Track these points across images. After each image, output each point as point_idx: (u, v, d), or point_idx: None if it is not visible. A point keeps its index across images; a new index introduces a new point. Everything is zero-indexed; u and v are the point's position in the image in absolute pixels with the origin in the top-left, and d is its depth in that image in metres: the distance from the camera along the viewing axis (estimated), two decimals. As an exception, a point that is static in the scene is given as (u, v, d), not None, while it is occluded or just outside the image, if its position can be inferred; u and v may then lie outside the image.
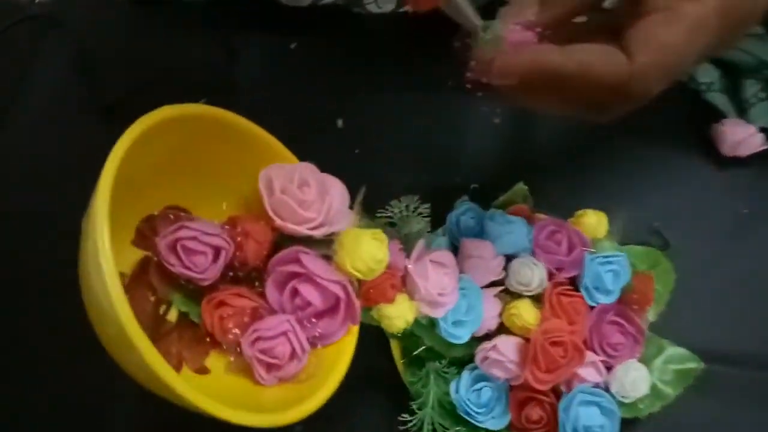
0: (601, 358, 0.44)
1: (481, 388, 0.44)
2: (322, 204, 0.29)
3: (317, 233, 0.29)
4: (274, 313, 0.29)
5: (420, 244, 0.39)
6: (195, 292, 0.29)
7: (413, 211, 0.43)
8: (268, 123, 0.50)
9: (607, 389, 0.43)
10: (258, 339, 0.28)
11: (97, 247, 0.22)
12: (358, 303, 0.29)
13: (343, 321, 0.29)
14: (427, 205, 0.44)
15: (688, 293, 0.47)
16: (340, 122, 0.57)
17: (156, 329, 0.27)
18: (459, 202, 0.50)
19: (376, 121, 0.58)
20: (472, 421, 0.43)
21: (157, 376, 0.22)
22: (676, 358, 0.45)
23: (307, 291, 0.28)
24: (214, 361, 0.29)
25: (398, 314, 0.36)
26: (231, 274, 0.29)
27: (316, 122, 0.58)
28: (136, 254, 0.28)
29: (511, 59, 0.26)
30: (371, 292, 0.34)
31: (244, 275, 0.30)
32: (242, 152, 0.30)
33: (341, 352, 0.29)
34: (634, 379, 0.42)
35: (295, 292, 0.28)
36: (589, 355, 0.43)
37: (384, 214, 0.44)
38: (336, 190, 0.30)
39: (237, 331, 0.28)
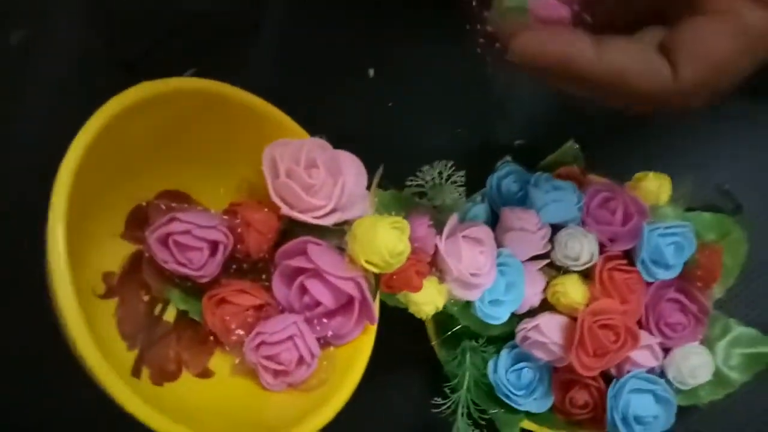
0: (658, 339, 0.39)
1: (521, 369, 0.41)
2: (333, 188, 0.25)
3: (327, 221, 0.25)
4: (281, 311, 0.26)
5: (452, 219, 0.35)
6: (195, 287, 0.26)
7: (447, 179, 0.39)
8: (293, 70, 0.45)
9: (663, 374, 0.39)
10: (262, 344, 0.25)
11: (49, 249, 0.19)
12: (373, 301, 0.26)
13: (357, 321, 0.26)
14: (462, 173, 0.39)
15: (762, 266, 0.42)
16: (371, 72, 0.52)
17: (151, 331, 0.25)
18: (501, 163, 0.45)
19: (411, 72, 0.52)
20: (511, 404, 0.40)
21: (109, 392, 0.20)
22: (744, 340, 0.40)
23: (316, 288, 0.25)
24: (220, 361, 0.26)
25: (427, 300, 0.33)
26: (234, 266, 0.26)
27: (344, 71, 0.53)
28: (130, 249, 0.26)
29: (533, 45, 0.21)
30: (394, 280, 0.30)
31: (250, 267, 0.27)
32: (246, 130, 0.27)
33: (356, 354, 0.26)
34: (695, 365, 0.38)
35: (303, 290, 0.25)
36: (644, 337, 0.39)
37: (415, 182, 0.39)
38: (351, 170, 0.26)
39: (241, 331, 0.25)
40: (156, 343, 0.25)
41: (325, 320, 0.26)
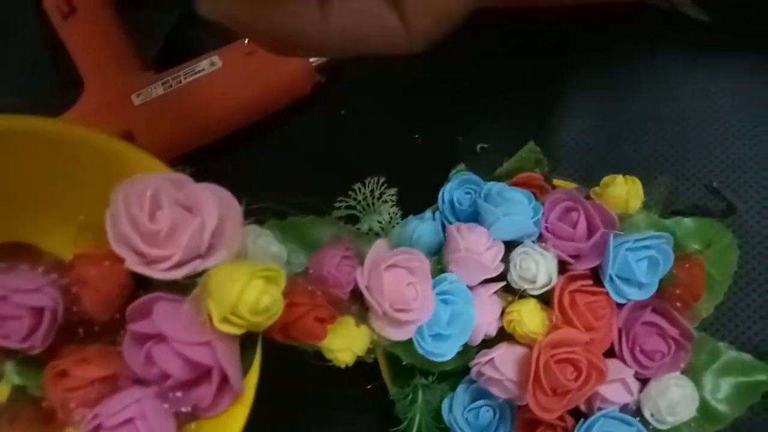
0: (632, 370, 0.34)
1: (479, 408, 0.36)
2: (183, 233, 0.21)
3: (177, 274, 0.21)
4: (137, 383, 0.22)
5: (375, 246, 0.30)
6: (35, 356, 0.22)
7: (379, 198, 0.34)
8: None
9: (639, 411, 0.34)
10: (99, 428, 0.21)
11: None
12: (236, 372, 0.21)
13: (218, 392, 0.22)
14: (393, 191, 0.34)
15: (757, 278, 0.36)
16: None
17: (-30, 418, 0.21)
18: (454, 172, 0.40)
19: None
20: (469, 449, 0.36)
21: None
22: (736, 367, 0.34)
23: (163, 358, 0.21)
24: (71, 441, 0.23)
25: (341, 346, 0.28)
26: (82, 330, 0.22)
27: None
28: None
29: (250, 17, 0.21)
30: (290, 329, 0.26)
31: (102, 329, 0.22)
32: (92, 169, 0.23)
33: (223, 430, 0.22)
34: (674, 399, 0.32)
35: (150, 359, 0.21)
36: (617, 368, 0.34)
37: (345, 203, 0.35)
38: (212, 208, 0.22)
39: (83, 410, 0.21)
40: (-23, 432, 0.21)
41: (179, 394, 0.21)
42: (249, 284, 0.21)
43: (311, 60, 0.46)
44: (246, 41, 0.46)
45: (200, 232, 0.22)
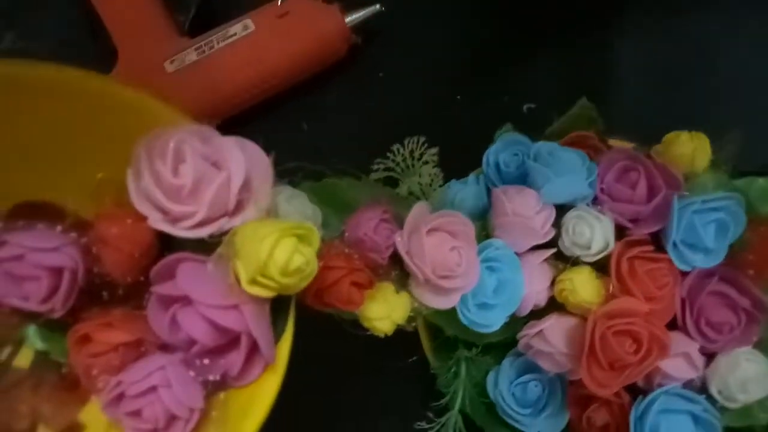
0: (698, 344, 0.31)
1: (527, 382, 0.34)
2: (209, 187, 0.19)
3: (202, 232, 0.20)
4: (162, 348, 0.21)
5: (416, 209, 0.28)
6: (59, 320, 0.21)
7: (419, 159, 0.32)
8: None
9: (704, 388, 0.31)
10: (122, 396, 0.20)
11: None
12: (267, 339, 0.20)
13: (249, 360, 0.20)
14: (434, 150, 0.32)
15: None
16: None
17: (-7, 382, 0.20)
18: (500, 132, 0.37)
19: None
20: (515, 425, 0.34)
21: None
22: (816, 341, 0.31)
23: (188, 322, 0.19)
24: (96, 411, 0.21)
25: (379, 314, 0.26)
26: (106, 293, 0.21)
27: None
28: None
29: None
30: (325, 294, 0.24)
31: (126, 293, 0.21)
32: (113, 123, 0.21)
33: (254, 401, 0.20)
34: (746, 376, 0.30)
35: (176, 324, 0.20)
36: (680, 341, 0.31)
37: (384, 165, 0.33)
38: (238, 163, 0.20)
39: (106, 377, 0.20)
40: (0, 396, 0.20)
41: (206, 361, 0.20)
42: (280, 242, 0.19)
43: (347, 20, 0.44)
44: (279, 2, 0.44)
45: (227, 188, 0.20)
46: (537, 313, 0.34)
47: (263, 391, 0.20)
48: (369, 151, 0.35)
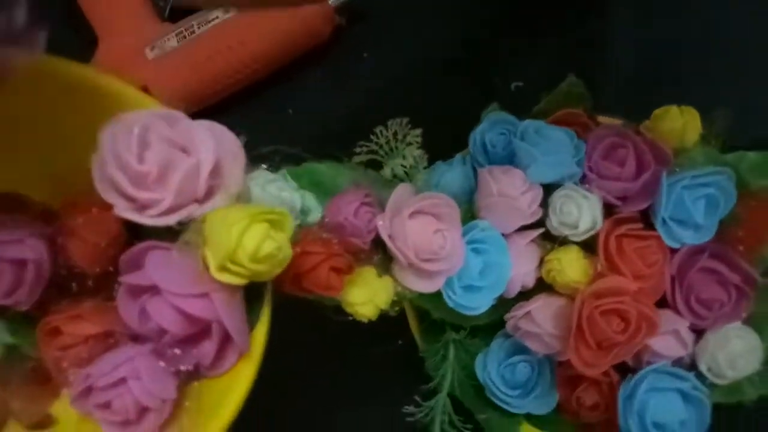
0: (688, 321, 0.31)
1: (516, 364, 0.33)
2: (176, 173, 0.19)
3: (170, 219, 0.19)
4: (134, 340, 0.20)
5: (398, 191, 0.28)
6: (28, 313, 0.20)
7: (402, 140, 0.31)
8: None
9: (694, 366, 0.31)
10: (90, 389, 0.19)
11: None
12: (240, 327, 0.19)
13: (222, 349, 0.20)
14: (418, 132, 0.31)
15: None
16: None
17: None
18: (486, 112, 0.36)
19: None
20: (505, 407, 0.33)
21: None
22: (808, 316, 0.31)
23: (158, 312, 0.19)
24: (67, 404, 0.21)
25: (362, 299, 0.26)
26: (75, 284, 0.21)
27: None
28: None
29: None
30: (303, 280, 0.24)
31: (96, 284, 0.21)
32: (86, 107, 0.21)
33: (229, 390, 0.20)
34: (735, 352, 0.29)
35: (145, 314, 0.19)
36: (669, 319, 0.31)
37: (366, 147, 0.32)
38: (206, 147, 0.19)
39: (78, 370, 0.20)
40: (-31, 391, 0.20)
41: (178, 351, 0.20)
42: (250, 228, 0.18)
43: (331, 1, 0.43)
44: (260, -17, 0.43)
45: (195, 173, 0.20)
46: (525, 294, 0.33)
47: (238, 381, 0.20)
48: (353, 133, 0.35)
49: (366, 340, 0.32)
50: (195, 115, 0.23)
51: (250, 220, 0.18)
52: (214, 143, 0.20)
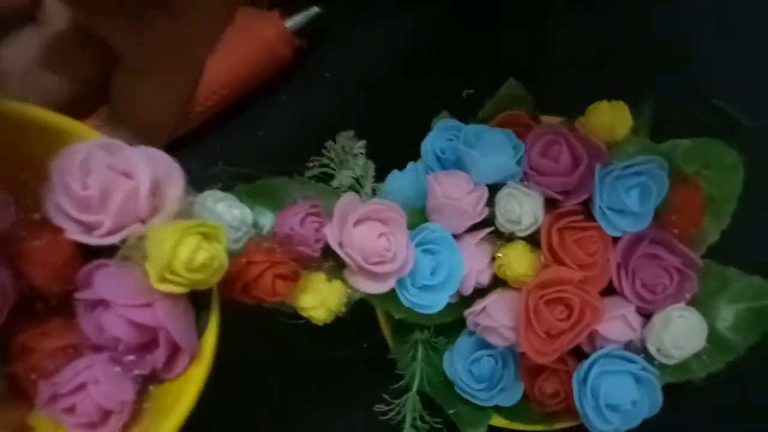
0: (633, 305, 0.32)
1: (480, 358, 0.35)
2: (115, 196, 0.21)
3: (114, 239, 0.21)
4: (96, 350, 0.22)
5: (342, 201, 0.29)
6: (0, 335, 0.22)
7: (350, 151, 0.33)
8: None
9: (644, 348, 0.32)
10: (56, 396, 0.21)
11: None
12: (185, 332, 0.21)
13: (170, 353, 0.21)
14: (361, 143, 0.33)
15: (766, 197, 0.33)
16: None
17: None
18: (437, 119, 0.38)
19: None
20: (473, 401, 0.35)
21: None
22: (748, 292, 0.32)
23: (110, 323, 0.21)
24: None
25: (313, 304, 0.28)
26: (40, 304, 0.23)
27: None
28: None
29: None
30: (251, 288, 0.25)
31: (59, 303, 0.23)
32: (29, 144, 0.23)
33: (182, 390, 0.22)
34: (679, 331, 0.30)
35: (100, 325, 0.21)
36: (616, 304, 0.32)
37: (318, 162, 0.34)
38: (143, 171, 0.21)
39: (44, 382, 0.22)
40: (-56, 407, 0.22)
41: (132, 357, 0.21)
42: (183, 241, 0.20)
43: (288, 25, 0.45)
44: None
45: (134, 196, 0.21)
46: (483, 291, 0.35)
47: (190, 382, 0.22)
48: (312, 149, 0.37)
49: (332, 345, 0.34)
50: (171, 143, 0.26)
51: (182, 234, 0.20)
52: (151, 167, 0.22)
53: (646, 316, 0.33)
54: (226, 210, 0.27)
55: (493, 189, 0.34)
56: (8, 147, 0.22)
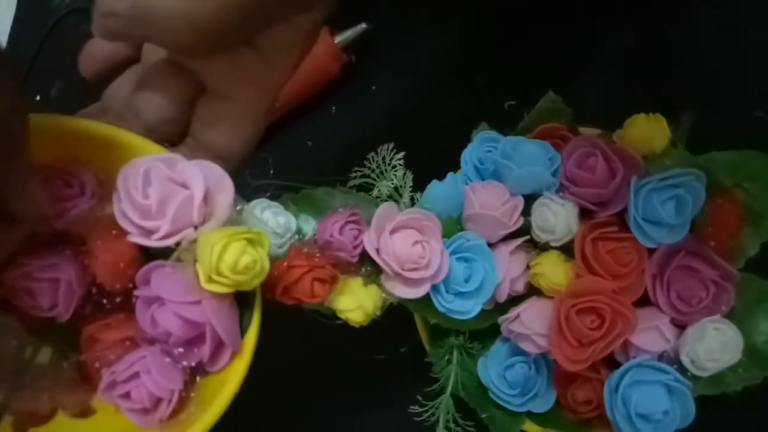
0: (668, 317, 0.32)
1: (515, 365, 0.36)
2: (171, 205, 0.23)
3: (170, 242, 0.23)
4: (151, 343, 0.24)
5: (381, 210, 0.31)
6: (72, 324, 0.25)
7: (389, 163, 0.35)
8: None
9: (677, 359, 0.32)
10: (114, 383, 0.24)
11: None
12: (228, 328, 0.23)
13: (214, 348, 0.24)
14: (400, 155, 0.35)
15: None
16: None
17: (18, 377, 0.25)
18: (476, 131, 0.40)
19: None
20: (507, 406, 0.36)
21: None
22: (788, 307, 0.32)
23: (163, 318, 0.23)
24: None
25: (351, 306, 0.29)
26: (106, 301, 0.25)
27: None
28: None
29: None
30: (291, 290, 0.27)
31: (123, 300, 0.25)
32: (97, 157, 0.25)
33: (224, 382, 0.24)
34: (713, 344, 0.30)
35: (155, 320, 0.23)
36: (650, 315, 0.32)
37: (360, 172, 0.36)
38: (197, 182, 0.24)
39: (106, 369, 0.24)
40: (25, 388, 0.24)
41: (181, 350, 0.24)
42: (229, 246, 0.23)
43: (336, 41, 0.47)
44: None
45: (189, 204, 0.24)
46: (517, 299, 0.36)
47: (232, 375, 0.24)
48: (356, 159, 0.39)
49: (373, 348, 0.36)
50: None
51: (229, 239, 0.22)
52: (204, 179, 0.24)
53: (681, 327, 0.33)
54: (272, 217, 0.29)
55: (530, 199, 0.35)
56: (90, 158, 0.25)
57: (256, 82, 0.28)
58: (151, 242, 0.23)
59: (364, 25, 0.48)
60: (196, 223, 0.24)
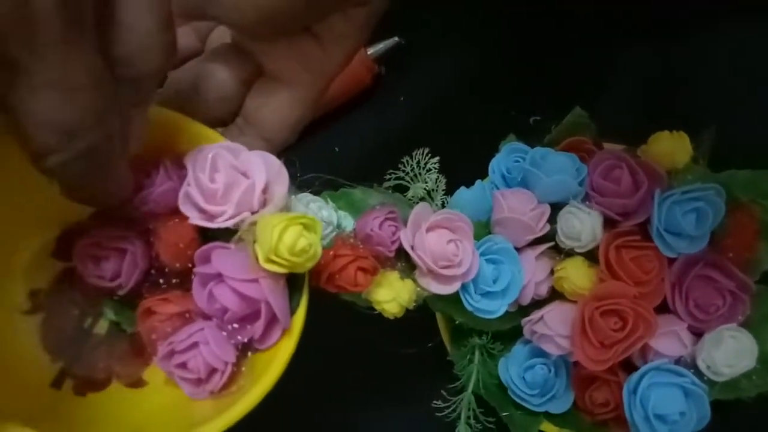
0: (686, 323, 0.34)
1: (535, 366, 0.37)
2: (236, 191, 0.25)
3: (230, 223, 0.25)
4: (205, 318, 0.26)
5: (417, 209, 0.33)
6: (129, 298, 0.27)
7: (424, 167, 0.37)
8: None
9: (694, 364, 0.33)
10: (172, 353, 0.25)
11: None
12: (282, 307, 0.25)
13: (268, 324, 0.25)
14: (435, 160, 0.37)
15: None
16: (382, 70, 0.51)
17: (78, 345, 0.26)
18: (504, 142, 0.41)
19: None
20: (526, 406, 0.37)
21: None
22: (801, 318, 0.33)
23: (222, 294, 0.24)
24: (157, 371, 0.27)
25: (387, 297, 0.31)
26: (162, 280, 0.27)
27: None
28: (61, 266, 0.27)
29: None
30: (336, 278, 0.29)
31: (181, 279, 0.27)
32: (165, 144, 0.27)
33: (273, 359, 0.25)
34: (730, 351, 0.32)
35: (212, 296, 0.25)
36: (669, 321, 0.34)
37: (395, 175, 0.38)
38: (260, 172, 0.25)
39: (163, 341, 0.26)
40: (84, 355, 0.26)
41: (236, 326, 0.25)
42: (288, 228, 0.24)
43: (369, 52, 0.49)
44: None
45: (251, 191, 0.26)
46: (541, 303, 0.37)
47: (281, 353, 0.25)
48: (387, 163, 0.41)
49: (398, 343, 0.37)
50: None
51: (288, 222, 0.24)
52: (266, 169, 0.26)
53: (697, 335, 0.34)
54: (317, 210, 0.31)
55: (556, 207, 0.36)
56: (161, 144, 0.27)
57: (312, 69, 0.29)
58: (213, 225, 0.25)
59: (396, 39, 0.50)
60: (255, 209, 0.26)
